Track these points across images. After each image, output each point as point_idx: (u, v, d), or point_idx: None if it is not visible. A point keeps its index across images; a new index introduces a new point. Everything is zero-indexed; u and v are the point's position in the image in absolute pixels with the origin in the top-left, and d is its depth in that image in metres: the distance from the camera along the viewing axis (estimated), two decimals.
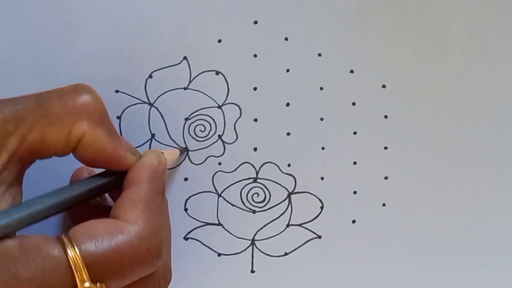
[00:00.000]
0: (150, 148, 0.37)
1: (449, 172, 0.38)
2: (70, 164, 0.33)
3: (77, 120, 0.28)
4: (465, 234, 0.39)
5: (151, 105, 0.37)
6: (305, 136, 0.38)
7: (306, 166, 0.38)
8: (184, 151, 0.37)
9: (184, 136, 0.37)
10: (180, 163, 0.37)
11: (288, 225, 0.38)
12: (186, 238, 0.37)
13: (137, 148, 0.36)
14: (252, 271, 0.38)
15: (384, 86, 0.38)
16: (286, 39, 0.37)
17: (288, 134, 0.37)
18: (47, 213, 0.28)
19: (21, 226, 0.27)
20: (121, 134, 0.36)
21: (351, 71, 0.37)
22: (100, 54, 0.36)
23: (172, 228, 0.37)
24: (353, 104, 0.38)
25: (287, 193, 0.37)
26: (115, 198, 0.33)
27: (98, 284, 0.25)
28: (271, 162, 0.37)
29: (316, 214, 0.38)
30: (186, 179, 0.37)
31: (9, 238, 0.25)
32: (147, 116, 0.37)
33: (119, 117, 0.36)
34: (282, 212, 0.38)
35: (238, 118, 0.37)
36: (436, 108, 0.38)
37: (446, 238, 0.39)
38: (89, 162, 0.30)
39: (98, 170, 0.32)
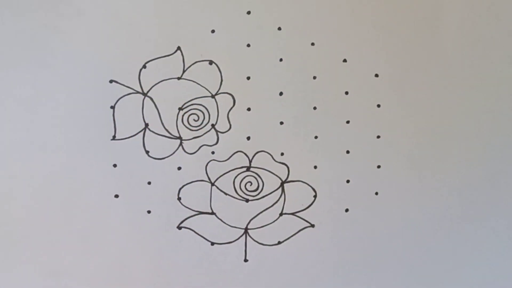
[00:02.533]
0: (144, 137, 0.37)
1: (441, 161, 0.38)
2: None
3: None
4: (457, 222, 0.39)
5: (145, 94, 0.37)
6: (298, 125, 0.38)
7: (299, 155, 0.38)
8: None
9: (178, 125, 0.37)
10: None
11: (281, 214, 0.38)
12: (179, 227, 0.37)
13: (131, 138, 0.37)
14: (246, 260, 0.38)
15: (377, 75, 0.38)
16: (279, 28, 0.37)
17: (281, 123, 0.38)
18: None
19: None
20: (115, 124, 0.37)
21: (344, 60, 0.38)
22: (95, 44, 0.36)
23: (166, 217, 0.37)
24: (346, 93, 0.38)
25: (280, 181, 0.38)
26: None
27: None
28: (264, 151, 0.37)
29: (309, 203, 0.38)
30: (179, 168, 0.37)
31: None
32: (141, 105, 0.37)
33: (113, 107, 0.37)
34: (275, 201, 0.38)
35: (232, 108, 0.37)
36: (428, 98, 0.38)
37: (438, 225, 0.38)
38: None
39: None
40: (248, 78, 0.37)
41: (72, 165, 0.36)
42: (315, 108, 0.38)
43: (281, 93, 0.37)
